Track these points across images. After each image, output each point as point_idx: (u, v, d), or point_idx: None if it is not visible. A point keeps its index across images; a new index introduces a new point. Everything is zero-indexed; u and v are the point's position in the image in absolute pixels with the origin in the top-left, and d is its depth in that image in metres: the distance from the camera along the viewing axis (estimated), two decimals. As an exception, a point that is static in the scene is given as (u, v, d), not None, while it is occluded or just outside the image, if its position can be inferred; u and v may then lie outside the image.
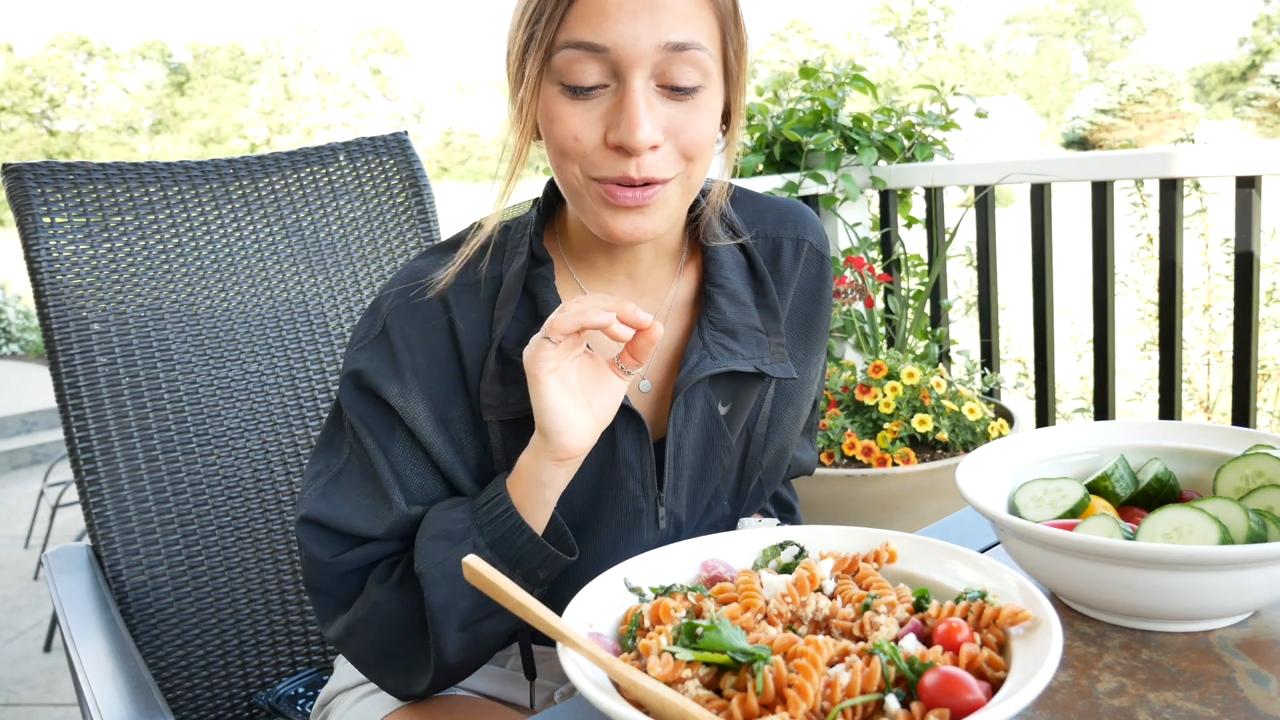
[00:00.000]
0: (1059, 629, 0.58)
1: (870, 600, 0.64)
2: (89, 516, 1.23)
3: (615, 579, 0.66)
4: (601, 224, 0.85)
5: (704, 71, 0.82)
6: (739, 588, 0.66)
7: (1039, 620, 0.60)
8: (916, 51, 79.63)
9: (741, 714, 0.55)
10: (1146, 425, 0.92)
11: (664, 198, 0.84)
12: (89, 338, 1.25)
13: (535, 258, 0.92)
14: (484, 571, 0.60)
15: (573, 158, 0.83)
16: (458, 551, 0.82)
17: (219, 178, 1.39)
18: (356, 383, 0.90)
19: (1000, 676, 0.58)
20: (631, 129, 0.78)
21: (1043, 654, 0.56)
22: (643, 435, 0.91)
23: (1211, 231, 3.42)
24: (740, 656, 0.57)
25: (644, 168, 0.81)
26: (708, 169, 0.88)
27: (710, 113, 0.84)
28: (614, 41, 0.78)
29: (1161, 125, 51.35)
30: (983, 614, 0.62)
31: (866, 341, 2.59)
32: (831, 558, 0.71)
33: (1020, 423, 2.38)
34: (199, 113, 66.95)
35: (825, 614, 0.64)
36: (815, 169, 2.74)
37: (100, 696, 0.96)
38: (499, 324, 0.89)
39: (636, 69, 0.79)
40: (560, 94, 0.81)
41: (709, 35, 0.82)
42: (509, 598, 0.60)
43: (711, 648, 0.57)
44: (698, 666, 0.58)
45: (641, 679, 0.56)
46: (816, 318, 1.04)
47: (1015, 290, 3.07)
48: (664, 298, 0.97)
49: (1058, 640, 0.57)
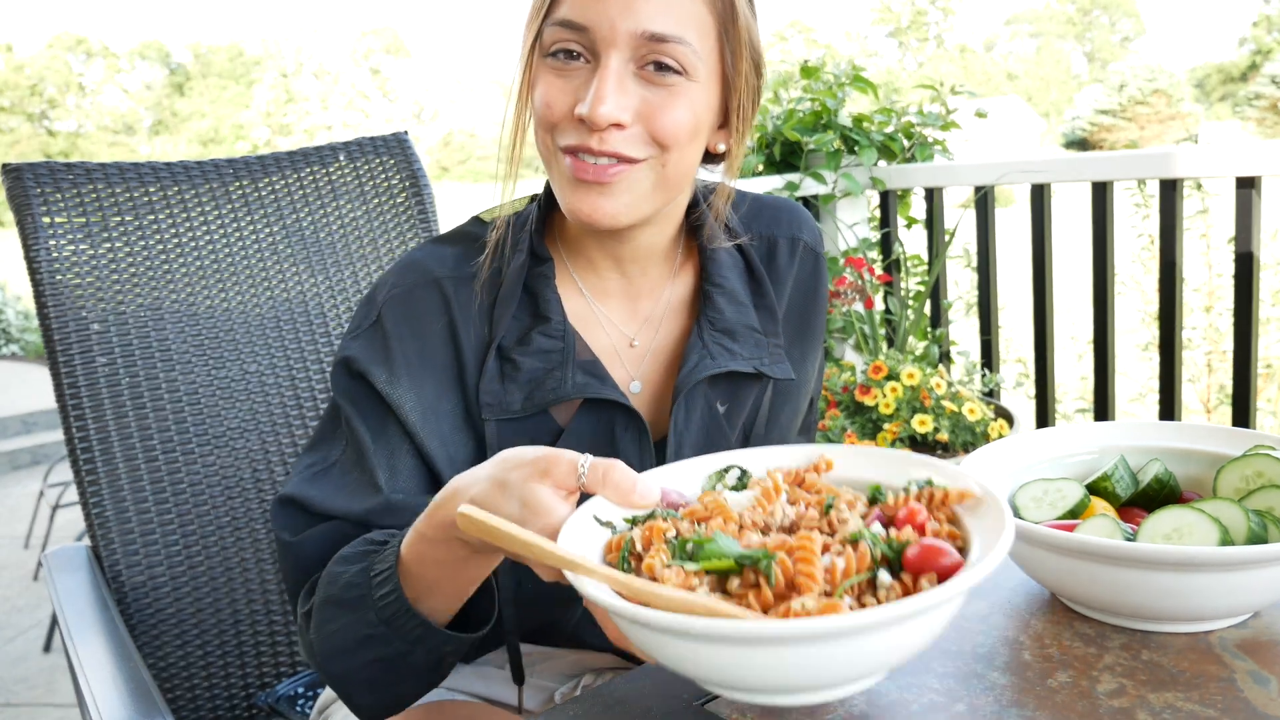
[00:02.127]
0: (1002, 498, 0.64)
1: (831, 501, 0.68)
2: (89, 516, 1.23)
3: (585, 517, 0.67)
4: (565, 200, 0.86)
5: (687, 65, 0.82)
6: (708, 507, 0.69)
7: (982, 496, 0.66)
8: (916, 52, 79.62)
9: (760, 606, 0.59)
10: (1146, 426, 0.92)
11: (630, 180, 0.84)
12: (89, 338, 1.25)
13: (535, 255, 0.92)
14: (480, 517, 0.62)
15: (546, 125, 0.84)
16: (350, 623, 0.77)
17: (219, 178, 1.39)
18: (347, 369, 0.89)
19: (962, 546, 0.63)
20: (596, 102, 0.80)
21: (998, 522, 0.62)
22: (643, 436, 0.91)
23: (1212, 232, 3.42)
24: (743, 560, 0.61)
25: (606, 142, 0.81)
26: (688, 166, 0.87)
27: (689, 105, 0.83)
28: (593, 22, 0.80)
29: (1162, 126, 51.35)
30: (933, 498, 0.67)
31: (866, 342, 2.58)
32: (779, 472, 0.74)
33: (1020, 423, 2.38)
34: (198, 113, 66.95)
35: (793, 518, 0.68)
36: (815, 169, 2.74)
37: (100, 696, 0.96)
38: (499, 322, 0.89)
39: (613, 49, 0.81)
40: (545, 65, 0.84)
41: (697, 32, 0.82)
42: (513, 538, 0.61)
43: (714, 556, 0.61)
44: (702, 575, 0.62)
45: (661, 589, 0.59)
46: (812, 316, 1.04)
47: (1015, 290, 3.07)
48: (660, 298, 0.97)
49: (1007, 508, 0.63)
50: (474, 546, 0.71)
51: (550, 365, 0.89)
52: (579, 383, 0.88)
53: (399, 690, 0.80)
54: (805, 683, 0.57)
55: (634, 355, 0.96)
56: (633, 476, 0.68)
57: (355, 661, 0.78)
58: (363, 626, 0.76)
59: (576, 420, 0.90)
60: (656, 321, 0.97)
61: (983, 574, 0.57)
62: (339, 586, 0.78)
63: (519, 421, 0.89)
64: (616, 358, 0.95)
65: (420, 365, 0.88)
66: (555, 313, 0.90)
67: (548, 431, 0.90)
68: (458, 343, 0.90)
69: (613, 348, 0.95)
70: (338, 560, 0.81)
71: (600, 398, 0.89)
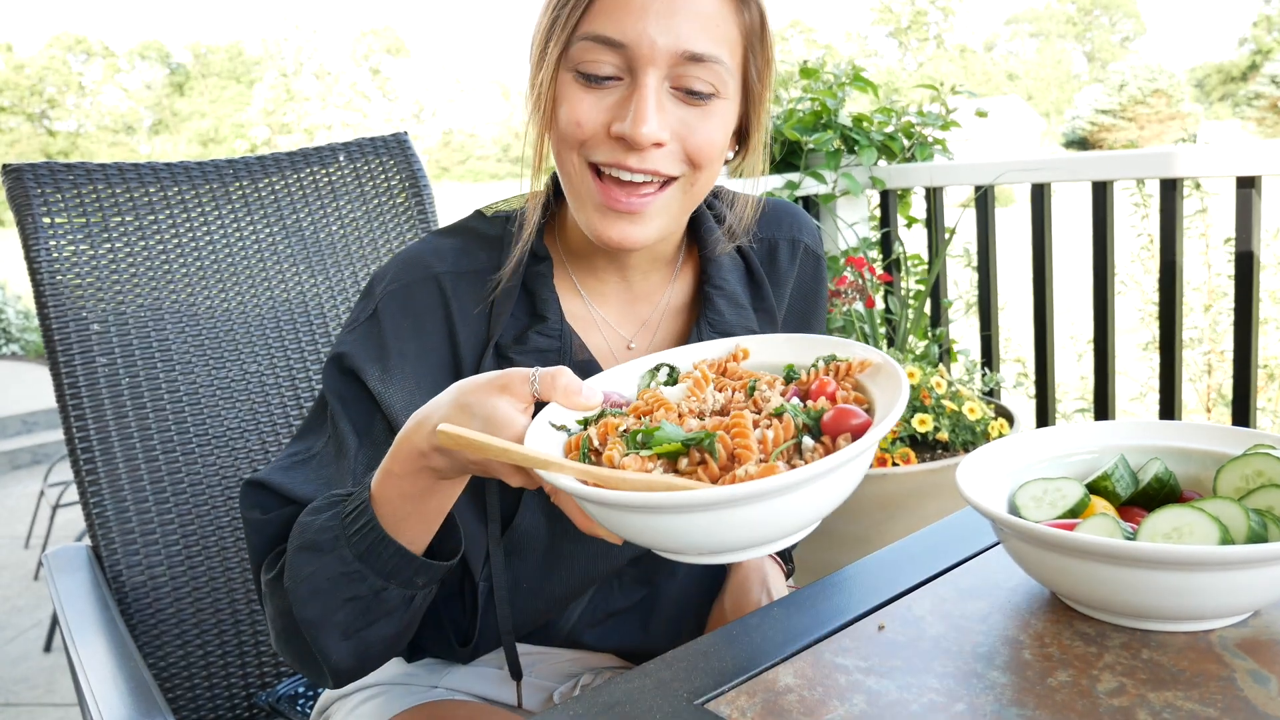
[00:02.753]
0: (895, 363, 0.73)
1: (753, 384, 0.76)
2: (89, 516, 1.23)
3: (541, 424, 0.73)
4: (592, 225, 0.85)
5: (720, 83, 0.82)
6: (648, 402, 0.76)
7: (879, 364, 0.75)
8: (916, 52, 79.61)
9: (709, 478, 0.67)
10: (1146, 425, 0.92)
11: (662, 204, 0.84)
12: (89, 338, 1.25)
13: (535, 254, 0.92)
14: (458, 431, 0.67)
15: (572, 144, 0.83)
16: (325, 564, 0.78)
17: (219, 178, 1.39)
18: (339, 365, 0.89)
19: (869, 407, 0.72)
20: (638, 122, 0.79)
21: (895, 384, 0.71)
22: None
23: (1212, 231, 3.42)
24: (689, 441, 0.69)
25: (645, 161, 0.81)
26: (713, 181, 0.88)
27: (722, 123, 0.84)
28: (633, 39, 0.79)
29: (1162, 125, 51.33)
30: (839, 371, 0.76)
31: (866, 341, 2.59)
32: (704, 364, 0.81)
33: (1020, 423, 2.38)
34: (198, 113, 66.94)
35: (723, 403, 0.75)
36: (815, 169, 2.74)
37: (100, 696, 0.96)
38: (497, 321, 0.89)
39: (651, 67, 0.80)
40: (574, 80, 0.82)
41: (730, 50, 0.82)
42: (490, 447, 0.66)
43: (664, 441, 0.68)
44: (655, 459, 0.69)
45: (626, 474, 0.66)
46: (812, 317, 1.05)
47: (1015, 290, 3.07)
48: (659, 301, 0.97)
49: (901, 371, 0.72)
50: (441, 473, 0.75)
51: (546, 364, 0.89)
52: None
53: (369, 636, 0.81)
54: (755, 539, 0.65)
55: (631, 358, 0.96)
56: (579, 382, 0.73)
57: (331, 602, 0.79)
58: (338, 565, 0.78)
59: None
60: (654, 325, 0.97)
61: (888, 427, 0.65)
62: (312, 532, 0.80)
63: None
64: (613, 360, 0.95)
65: (416, 362, 0.88)
66: (552, 312, 0.90)
67: None
68: (455, 340, 0.89)
69: (609, 349, 0.95)
70: (308, 512, 0.82)
71: None
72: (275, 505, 0.87)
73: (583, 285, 0.95)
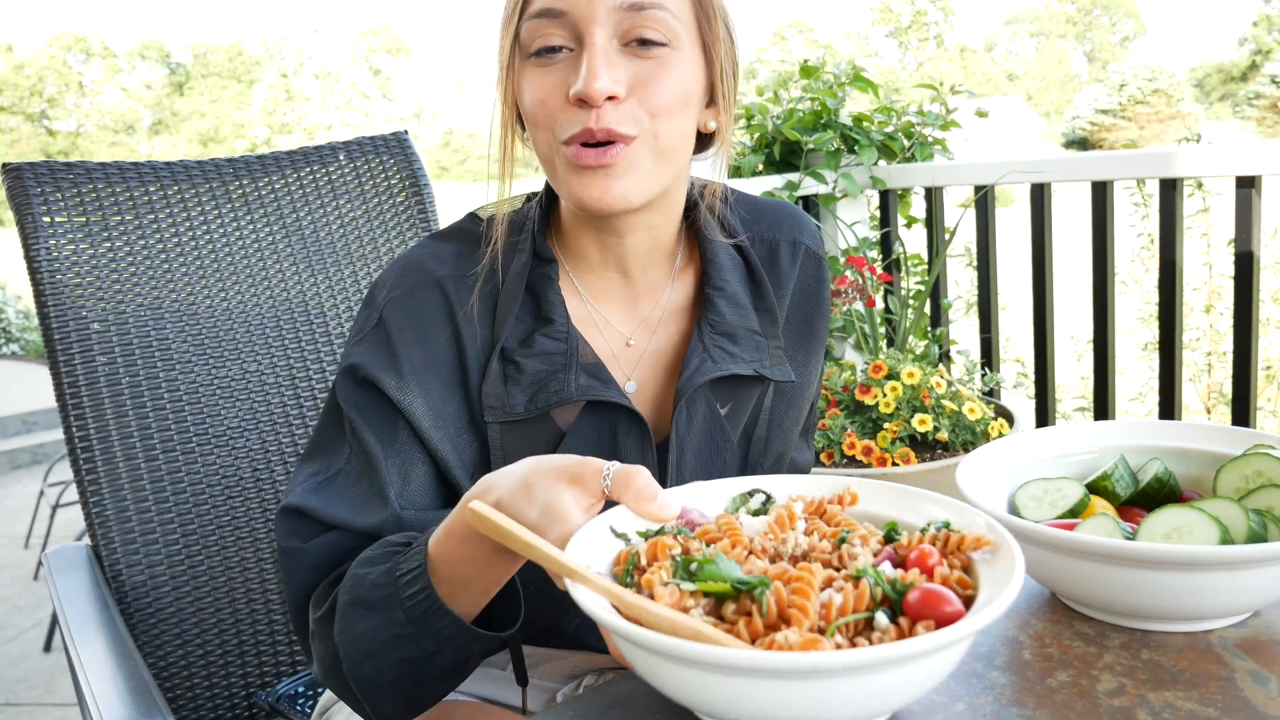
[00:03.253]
0: (1018, 549, 0.62)
1: (845, 535, 0.68)
2: (89, 516, 1.23)
3: (601, 526, 0.68)
4: (572, 191, 0.85)
5: (670, 32, 0.82)
6: (722, 528, 0.69)
7: (999, 544, 0.64)
8: (916, 51, 79.61)
9: (749, 635, 0.58)
10: (1146, 425, 0.92)
11: (630, 158, 0.83)
12: (89, 338, 1.25)
13: (538, 256, 0.92)
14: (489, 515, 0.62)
15: (542, 124, 0.84)
16: (378, 625, 0.76)
17: (219, 177, 1.39)
18: (354, 377, 0.88)
19: (970, 595, 0.62)
20: (589, 79, 0.79)
21: (1008, 572, 0.61)
22: (645, 439, 0.91)
23: (1213, 231, 3.42)
24: (740, 585, 0.60)
25: (603, 118, 0.81)
26: (682, 138, 0.86)
27: (678, 73, 0.83)
28: (570, 4, 0.80)
29: (1162, 125, 51.34)
30: (949, 541, 0.66)
31: (866, 341, 2.59)
32: (800, 500, 0.74)
33: (1020, 423, 2.38)
34: (198, 113, 66.93)
35: (804, 548, 0.67)
36: (815, 168, 2.74)
37: (100, 696, 0.96)
38: (502, 324, 0.89)
39: (595, 26, 0.80)
40: (529, 65, 0.83)
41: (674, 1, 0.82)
42: (517, 539, 0.61)
43: (712, 578, 0.61)
44: (699, 597, 0.61)
45: (653, 606, 0.59)
46: (815, 320, 1.04)
47: (1015, 290, 3.07)
48: (659, 300, 0.97)
49: (1020, 560, 0.61)
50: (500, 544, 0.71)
51: (553, 367, 0.88)
52: (582, 385, 0.88)
53: (422, 693, 0.80)
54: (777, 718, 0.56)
55: (630, 355, 0.95)
56: (655, 487, 0.68)
57: (383, 663, 0.77)
58: (391, 626, 0.75)
59: (579, 422, 0.90)
60: (654, 324, 0.96)
61: (980, 624, 0.55)
62: (365, 587, 0.77)
63: (521, 424, 0.88)
64: (613, 359, 0.94)
65: (425, 368, 0.87)
66: (558, 314, 0.90)
67: (550, 434, 0.90)
68: (461, 345, 0.89)
69: (609, 349, 0.95)
70: (360, 563, 0.79)
71: (603, 400, 0.88)
72: (312, 532, 0.85)
73: (582, 285, 0.95)
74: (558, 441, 0.90)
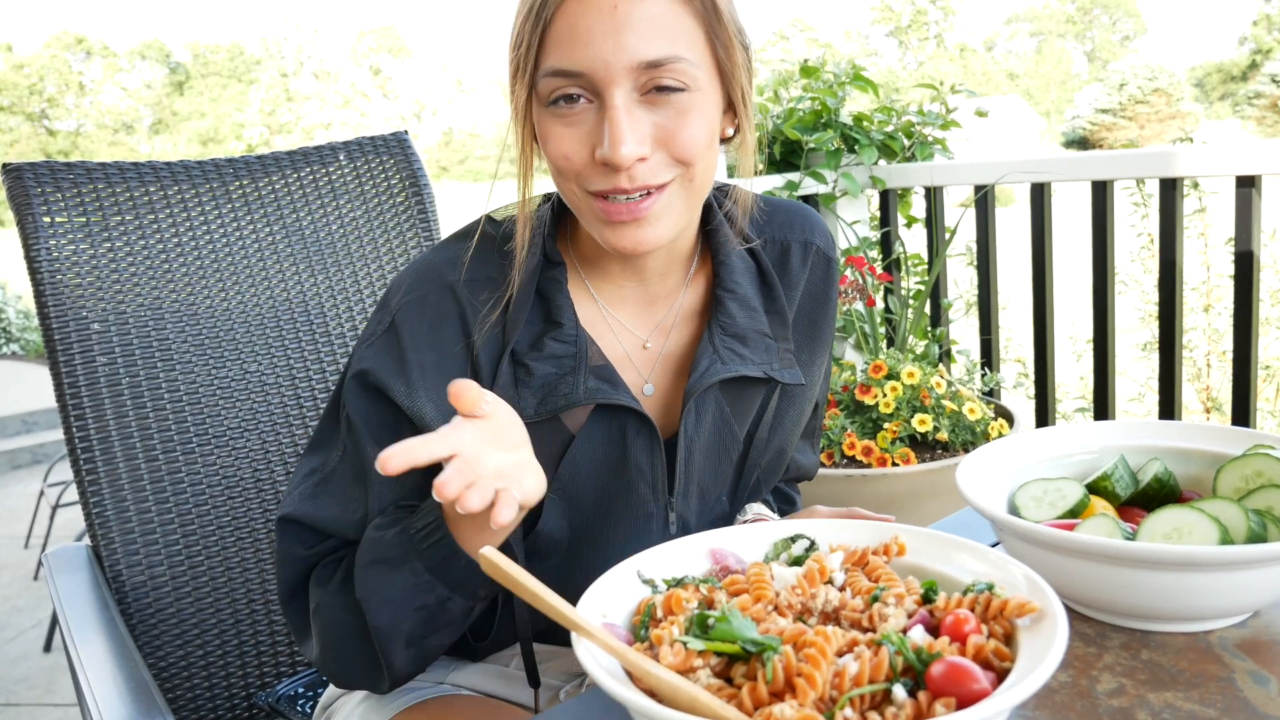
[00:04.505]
0: (1064, 620, 0.58)
1: (879, 592, 0.65)
2: (89, 516, 1.23)
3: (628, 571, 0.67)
4: (604, 238, 0.85)
5: (688, 78, 0.81)
6: (750, 580, 0.67)
7: (1045, 612, 0.60)
8: (917, 51, 79.59)
9: (751, 702, 0.56)
10: (1146, 425, 0.92)
11: (664, 205, 0.84)
12: (89, 338, 1.25)
13: (548, 259, 0.92)
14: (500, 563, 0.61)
15: (568, 175, 0.84)
16: (396, 577, 0.81)
17: (219, 178, 1.39)
18: (362, 382, 0.89)
19: (1006, 667, 0.58)
20: (615, 145, 0.79)
21: (1047, 645, 0.56)
22: (654, 440, 0.91)
23: (1212, 231, 3.41)
24: (750, 646, 0.58)
25: (636, 178, 0.81)
26: (712, 170, 0.87)
27: (701, 115, 0.83)
28: (588, 66, 0.79)
29: (1162, 125, 51.33)
30: (990, 606, 0.62)
31: (866, 341, 2.59)
32: (841, 550, 0.71)
33: (1020, 423, 2.38)
34: (198, 113, 66.93)
35: (835, 605, 0.65)
36: (815, 168, 2.74)
37: (100, 696, 0.96)
38: (512, 328, 0.89)
39: (615, 87, 0.79)
40: (549, 115, 0.82)
41: (688, 42, 0.81)
42: (524, 588, 0.60)
43: (722, 638, 0.59)
44: (709, 656, 0.59)
45: (653, 667, 0.57)
46: (822, 321, 1.04)
47: (1015, 290, 3.07)
48: (674, 304, 0.97)
49: (1063, 631, 0.57)
50: None
51: (563, 371, 0.89)
52: (591, 388, 0.88)
53: (429, 644, 0.85)
54: None
55: (646, 358, 0.96)
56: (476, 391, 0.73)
57: (401, 611, 0.82)
58: (409, 576, 0.80)
59: (588, 425, 0.90)
60: (668, 327, 0.97)
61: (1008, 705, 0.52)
62: (382, 547, 0.82)
63: (531, 427, 0.89)
64: (629, 362, 0.95)
65: (436, 372, 0.88)
66: (567, 318, 0.90)
67: (560, 436, 0.90)
68: (472, 349, 0.89)
69: (625, 352, 0.95)
70: (374, 528, 0.85)
71: (612, 403, 0.89)
72: (314, 540, 0.90)
73: (597, 289, 0.95)
74: (567, 443, 0.90)
